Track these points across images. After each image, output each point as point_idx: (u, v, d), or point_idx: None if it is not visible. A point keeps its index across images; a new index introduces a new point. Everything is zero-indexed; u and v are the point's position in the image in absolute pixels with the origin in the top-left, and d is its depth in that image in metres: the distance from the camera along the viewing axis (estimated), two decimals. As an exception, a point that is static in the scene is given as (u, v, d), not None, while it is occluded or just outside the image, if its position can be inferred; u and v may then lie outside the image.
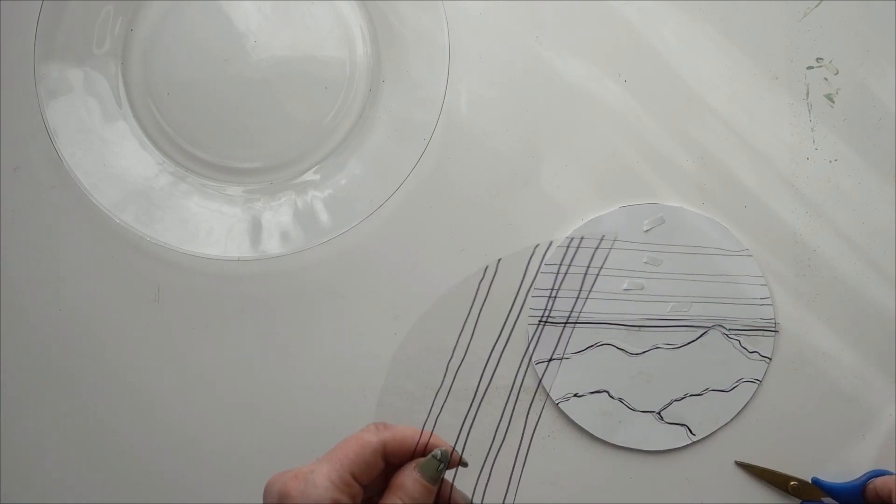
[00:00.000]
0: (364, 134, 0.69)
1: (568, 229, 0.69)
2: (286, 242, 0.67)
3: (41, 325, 0.69)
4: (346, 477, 0.47)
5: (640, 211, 0.68)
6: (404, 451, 0.49)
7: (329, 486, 0.46)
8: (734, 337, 0.68)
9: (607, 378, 0.68)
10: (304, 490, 0.46)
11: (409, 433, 0.50)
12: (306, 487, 0.46)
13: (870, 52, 0.69)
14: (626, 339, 0.68)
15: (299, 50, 0.69)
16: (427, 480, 0.49)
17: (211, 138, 0.69)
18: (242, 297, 0.69)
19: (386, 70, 0.69)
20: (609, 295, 0.68)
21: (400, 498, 0.48)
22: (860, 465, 0.68)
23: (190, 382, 0.69)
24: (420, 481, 0.49)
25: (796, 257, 0.69)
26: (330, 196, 0.68)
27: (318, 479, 0.46)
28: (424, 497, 0.49)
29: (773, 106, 0.69)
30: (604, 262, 0.67)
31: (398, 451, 0.49)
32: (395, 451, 0.49)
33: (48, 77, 0.66)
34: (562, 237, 0.68)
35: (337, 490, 0.46)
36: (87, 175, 0.66)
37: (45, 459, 0.69)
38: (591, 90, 0.69)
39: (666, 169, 0.69)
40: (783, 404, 0.68)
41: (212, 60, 0.68)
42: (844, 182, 0.69)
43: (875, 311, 0.69)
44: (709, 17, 0.69)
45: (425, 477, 0.49)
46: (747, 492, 0.68)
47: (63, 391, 0.69)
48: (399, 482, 0.49)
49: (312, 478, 0.46)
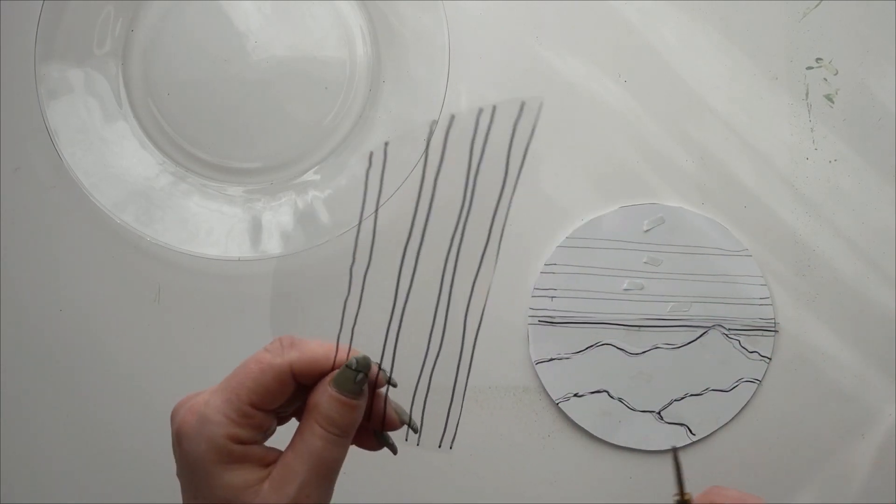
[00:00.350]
0: (364, 134, 0.69)
1: (568, 229, 0.69)
2: (286, 242, 0.67)
3: (42, 325, 0.69)
4: (243, 408, 0.40)
5: (639, 211, 0.68)
6: (318, 370, 0.41)
7: (223, 420, 0.40)
8: (734, 337, 0.68)
9: (607, 378, 0.68)
10: (197, 427, 0.40)
11: (321, 351, 0.41)
12: (199, 424, 0.40)
13: (869, 52, 0.69)
14: (626, 338, 0.68)
15: (299, 50, 0.69)
16: (346, 395, 0.41)
17: (211, 138, 0.69)
18: (243, 297, 0.69)
19: (386, 70, 0.69)
20: (609, 295, 0.68)
21: (316, 420, 0.41)
22: (859, 465, 0.68)
23: (190, 382, 0.69)
24: (336, 397, 0.41)
25: (796, 257, 0.69)
26: (330, 196, 0.68)
27: (211, 412, 0.40)
28: (346, 415, 0.41)
29: (772, 106, 0.69)
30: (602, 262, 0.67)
31: (310, 371, 0.41)
32: (307, 372, 0.41)
33: (49, 77, 0.66)
34: (562, 237, 0.68)
35: (233, 424, 0.40)
36: (88, 175, 0.66)
37: (45, 459, 0.69)
38: (591, 90, 0.69)
39: (666, 169, 0.69)
40: (783, 404, 0.68)
41: (212, 61, 0.68)
42: (844, 182, 0.69)
43: (875, 311, 0.69)
44: (709, 17, 0.69)
45: (343, 391, 0.41)
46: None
47: (63, 391, 0.69)
48: (314, 401, 0.41)
49: (206, 411, 0.40)
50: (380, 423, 0.43)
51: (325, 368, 0.41)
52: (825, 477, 0.68)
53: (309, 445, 0.41)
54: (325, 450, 0.41)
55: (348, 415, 0.41)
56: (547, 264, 0.68)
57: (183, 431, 0.40)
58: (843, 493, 0.68)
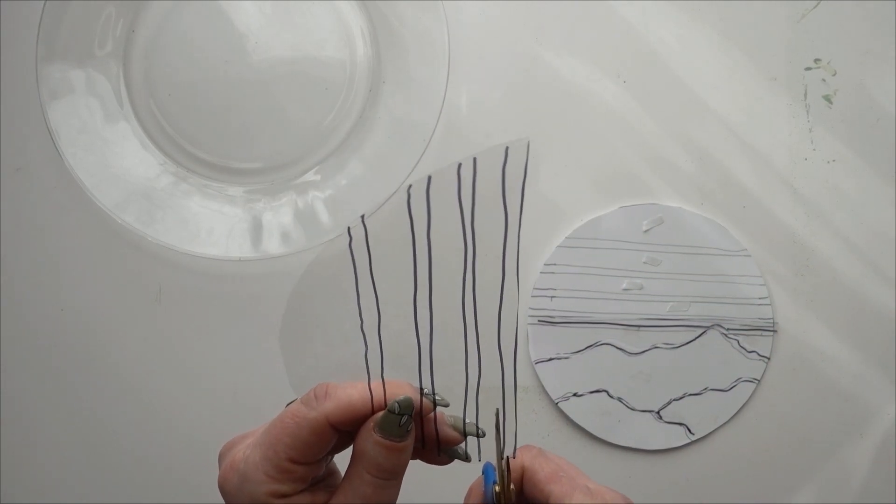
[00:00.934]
0: (364, 134, 0.69)
1: (567, 229, 0.69)
2: (287, 242, 0.67)
3: (43, 325, 0.69)
4: (282, 464, 0.39)
5: (639, 211, 0.68)
6: (357, 416, 0.40)
7: (263, 478, 0.39)
8: (733, 337, 0.68)
9: (606, 378, 0.68)
10: (238, 485, 0.39)
11: (356, 395, 0.39)
12: (241, 482, 0.39)
13: (868, 53, 0.69)
14: (626, 338, 0.68)
15: (300, 51, 0.69)
16: (392, 439, 0.39)
17: (212, 139, 0.69)
18: (243, 297, 0.69)
19: (386, 70, 0.69)
20: (608, 295, 0.68)
21: (364, 467, 0.40)
22: (858, 464, 0.68)
23: (191, 382, 0.69)
24: (382, 443, 0.39)
25: (794, 257, 0.69)
26: (330, 196, 0.68)
27: (251, 470, 0.39)
28: (394, 459, 0.40)
29: (771, 107, 0.69)
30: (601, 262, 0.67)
31: (349, 418, 0.39)
32: (346, 420, 0.39)
33: (50, 78, 0.66)
34: (562, 237, 0.69)
35: (273, 481, 0.39)
36: (89, 175, 0.66)
37: (46, 459, 0.69)
38: (590, 91, 0.69)
39: (665, 169, 0.69)
40: (782, 404, 0.68)
41: (213, 61, 0.69)
42: (842, 182, 0.69)
43: (873, 311, 0.69)
44: (708, 17, 0.69)
45: (388, 436, 0.39)
46: (745, 492, 0.69)
47: (65, 391, 0.69)
48: (360, 449, 0.40)
49: (246, 470, 0.39)
50: (436, 444, 0.42)
51: (364, 412, 0.40)
52: (824, 476, 0.68)
53: (359, 492, 0.40)
54: (375, 495, 0.40)
55: (396, 458, 0.40)
56: (546, 264, 0.68)
57: (225, 489, 0.40)
58: (842, 491, 0.69)
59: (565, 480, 0.42)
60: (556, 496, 0.41)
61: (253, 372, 0.69)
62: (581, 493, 0.41)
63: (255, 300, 0.69)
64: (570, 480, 0.42)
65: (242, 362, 0.69)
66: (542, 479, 0.42)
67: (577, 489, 0.41)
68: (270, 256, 0.67)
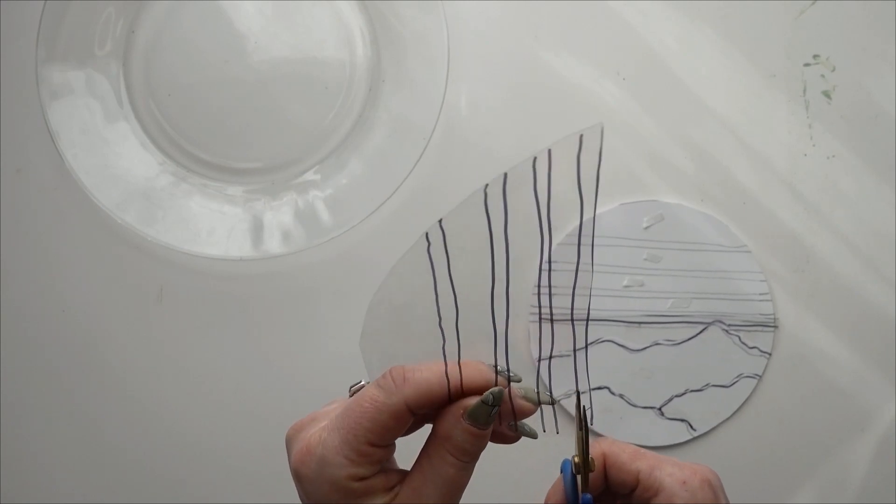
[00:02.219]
0: (364, 134, 0.69)
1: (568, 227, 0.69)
2: (287, 242, 0.67)
3: (44, 325, 0.69)
4: (362, 448, 0.40)
5: (639, 208, 0.69)
6: (435, 401, 0.40)
7: (343, 461, 0.39)
8: (734, 333, 0.68)
9: (608, 374, 0.68)
10: (317, 470, 0.40)
11: (434, 379, 0.40)
12: (319, 467, 0.40)
13: (866, 49, 0.70)
14: (627, 335, 0.68)
15: (300, 51, 0.69)
16: (480, 427, 0.40)
17: (212, 139, 0.69)
18: (244, 297, 0.69)
19: (386, 71, 0.69)
20: (609, 292, 0.68)
21: (448, 450, 0.40)
22: (859, 459, 0.69)
23: (192, 382, 0.69)
24: (471, 430, 0.40)
25: (794, 253, 0.69)
26: (331, 196, 0.68)
27: (330, 454, 0.40)
28: (478, 444, 0.41)
29: (770, 103, 0.70)
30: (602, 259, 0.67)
31: (428, 403, 0.40)
32: (424, 404, 0.40)
33: (50, 79, 0.67)
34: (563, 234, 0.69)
35: (353, 465, 0.39)
36: (89, 176, 0.66)
37: (47, 459, 0.69)
38: (590, 89, 0.70)
39: (665, 166, 0.69)
40: (783, 399, 0.69)
41: (213, 61, 0.69)
42: (842, 178, 0.69)
43: (873, 306, 0.69)
44: (706, 15, 0.70)
45: (477, 424, 0.40)
46: (747, 487, 0.69)
47: (65, 391, 0.69)
48: (445, 432, 0.41)
49: (324, 454, 0.40)
50: (511, 416, 0.42)
51: (441, 396, 0.40)
52: (825, 471, 0.68)
53: (441, 473, 0.41)
54: (457, 477, 0.41)
55: (480, 444, 0.41)
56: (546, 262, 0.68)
57: (302, 474, 0.41)
58: (842, 486, 0.69)
59: (650, 456, 0.43)
60: (645, 471, 0.43)
61: (254, 371, 0.69)
62: (670, 464, 0.43)
63: (255, 300, 0.69)
64: (655, 456, 0.43)
65: (243, 362, 0.69)
66: (626, 459, 0.44)
67: (664, 461, 0.43)
68: (271, 256, 0.67)
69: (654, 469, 0.43)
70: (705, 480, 0.42)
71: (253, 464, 0.68)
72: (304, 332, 0.69)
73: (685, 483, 0.42)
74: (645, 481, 0.43)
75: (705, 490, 0.42)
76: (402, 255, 0.41)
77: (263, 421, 0.68)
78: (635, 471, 0.43)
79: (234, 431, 0.69)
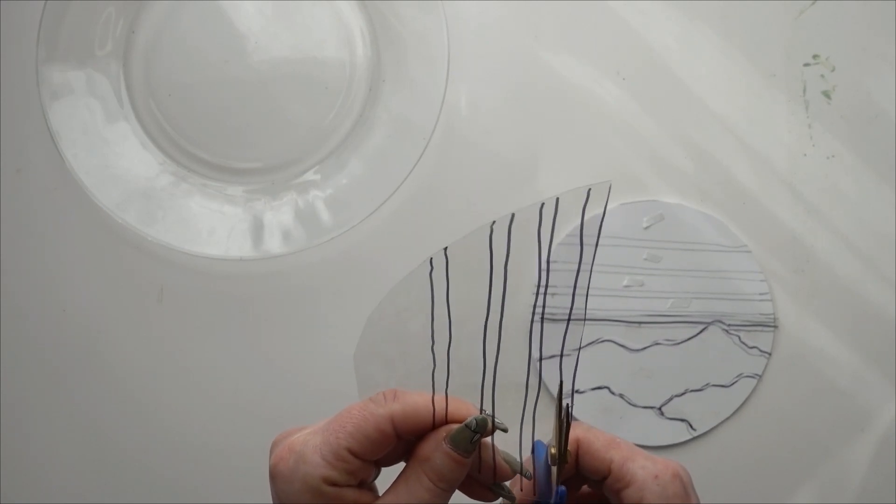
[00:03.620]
0: (364, 134, 0.69)
1: (568, 227, 0.69)
2: (288, 242, 0.67)
3: (44, 326, 0.69)
4: (340, 452, 0.40)
5: (639, 208, 0.69)
6: (419, 423, 0.41)
7: (320, 461, 0.40)
8: (734, 333, 0.68)
9: (608, 374, 0.68)
10: (293, 466, 0.40)
11: (422, 402, 0.41)
12: (296, 463, 0.40)
13: (866, 49, 0.70)
14: (627, 335, 0.68)
15: (300, 51, 0.69)
16: (460, 452, 0.41)
17: (212, 139, 0.69)
18: (244, 297, 0.69)
19: (386, 70, 0.69)
20: (609, 291, 0.68)
21: (426, 473, 0.41)
22: (859, 459, 0.69)
23: (193, 382, 0.69)
24: (450, 454, 0.41)
25: (795, 253, 0.69)
26: (331, 196, 0.68)
27: (309, 452, 0.40)
28: (456, 471, 0.41)
29: (770, 103, 0.70)
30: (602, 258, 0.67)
31: (412, 423, 0.41)
32: (408, 424, 0.41)
33: (50, 79, 0.67)
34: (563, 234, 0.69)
35: (329, 466, 0.40)
36: (90, 176, 0.66)
37: (47, 460, 0.69)
38: (589, 89, 0.70)
39: (664, 166, 0.69)
40: (783, 399, 0.69)
41: (213, 61, 0.69)
42: (841, 178, 0.69)
43: (873, 306, 0.69)
44: (706, 15, 0.70)
45: (458, 450, 0.41)
46: (747, 487, 0.69)
47: (66, 392, 0.69)
48: (425, 455, 0.41)
49: (303, 451, 0.40)
50: (491, 474, 0.43)
51: (425, 423, 0.41)
52: (825, 471, 0.68)
53: (415, 495, 0.41)
54: (430, 500, 0.41)
55: (458, 471, 0.41)
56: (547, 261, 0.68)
57: (278, 471, 0.41)
58: (842, 486, 0.69)
59: (624, 446, 0.43)
60: (618, 461, 0.43)
61: (254, 371, 0.69)
62: (642, 457, 0.43)
63: (255, 300, 0.69)
64: (629, 447, 0.43)
65: (244, 362, 0.69)
66: (600, 447, 0.44)
67: (637, 454, 0.43)
68: (271, 256, 0.67)
69: (626, 460, 0.43)
70: (676, 476, 0.43)
71: (253, 464, 0.68)
72: (303, 332, 0.69)
73: (657, 477, 0.42)
74: (617, 472, 0.43)
75: (676, 485, 0.42)
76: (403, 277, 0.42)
77: (263, 421, 0.68)
78: (608, 460, 0.43)
79: (234, 431, 0.69)
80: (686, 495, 0.43)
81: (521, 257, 0.41)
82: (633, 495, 0.42)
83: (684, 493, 0.42)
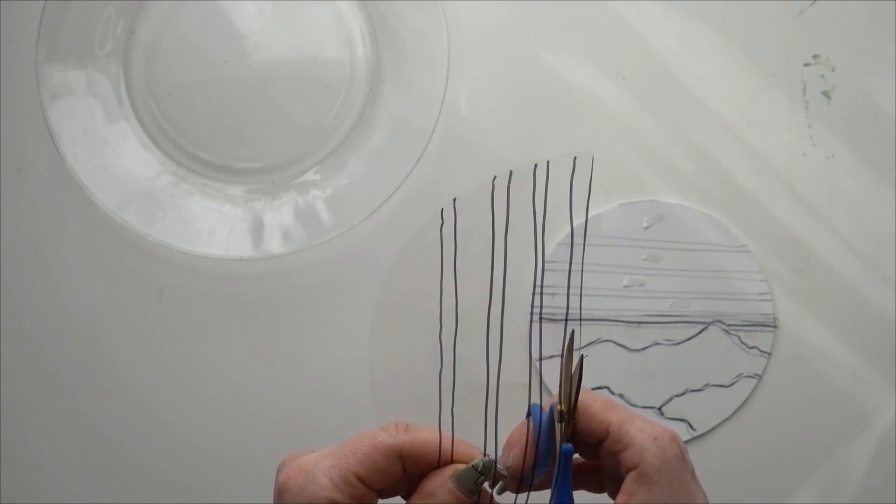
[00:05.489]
0: (364, 134, 0.69)
1: (567, 226, 0.69)
2: (288, 242, 0.67)
3: (44, 326, 0.69)
4: (348, 477, 0.41)
5: (639, 208, 0.69)
6: (426, 458, 0.43)
7: (327, 483, 0.41)
8: (734, 332, 0.68)
9: (608, 374, 0.68)
10: (301, 485, 0.41)
11: (431, 438, 0.43)
12: (304, 483, 0.41)
13: (866, 49, 0.70)
14: (627, 335, 0.68)
15: (300, 51, 0.69)
16: (464, 493, 0.42)
17: (212, 139, 0.69)
18: (244, 297, 0.69)
19: (386, 71, 0.69)
20: (609, 291, 0.68)
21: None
22: (859, 459, 0.69)
23: (193, 382, 0.69)
24: (454, 492, 0.42)
25: (794, 253, 0.69)
26: (331, 196, 0.68)
27: (318, 475, 0.41)
28: None
29: (770, 103, 0.70)
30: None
31: (419, 456, 0.42)
32: (415, 457, 0.42)
33: (50, 79, 0.67)
34: (562, 234, 0.69)
35: (336, 489, 0.41)
36: (89, 176, 0.66)
37: (47, 460, 0.69)
38: (589, 89, 0.70)
39: (664, 166, 0.69)
40: (783, 399, 0.69)
41: (213, 61, 0.69)
42: (841, 178, 0.70)
43: (873, 306, 0.69)
44: (706, 15, 0.70)
45: (462, 489, 0.42)
46: (747, 487, 0.69)
47: (65, 392, 0.69)
48: (430, 490, 0.42)
49: (314, 472, 0.41)
50: None
51: (432, 457, 0.43)
52: (825, 471, 0.68)
53: None
54: None
55: None
56: (548, 261, 0.68)
57: (287, 488, 0.42)
58: (842, 486, 0.69)
59: (621, 410, 0.44)
60: (616, 424, 0.43)
61: (254, 371, 0.69)
62: (640, 420, 0.43)
63: (256, 300, 0.69)
64: (626, 410, 0.44)
65: (244, 362, 0.69)
66: (597, 409, 0.44)
67: (635, 416, 0.43)
68: (271, 256, 0.67)
69: (624, 423, 0.43)
70: (674, 439, 0.43)
71: (253, 464, 0.68)
72: (304, 331, 0.69)
73: (656, 439, 0.42)
74: (615, 434, 0.43)
75: (675, 448, 0.43)
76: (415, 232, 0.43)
77: (264, 421, 0.69)
78: (606, 422, 0.43)
79: (234, 431, 0.69)
80: (684, 459, 0.43)
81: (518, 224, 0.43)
82: (633, 457, 0.42)
83: (682, 456, 0.43)
